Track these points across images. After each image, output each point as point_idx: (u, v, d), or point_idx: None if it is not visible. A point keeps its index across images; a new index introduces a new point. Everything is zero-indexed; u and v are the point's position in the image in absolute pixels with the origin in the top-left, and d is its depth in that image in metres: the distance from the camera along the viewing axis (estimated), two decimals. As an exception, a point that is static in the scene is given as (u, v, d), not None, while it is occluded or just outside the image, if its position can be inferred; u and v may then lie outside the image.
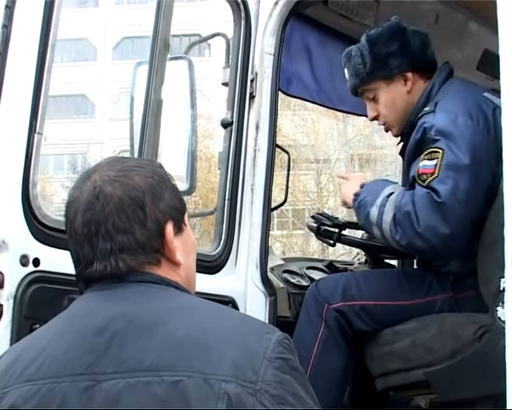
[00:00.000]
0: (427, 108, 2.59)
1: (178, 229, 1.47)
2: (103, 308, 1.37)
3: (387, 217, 2.50)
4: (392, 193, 2.54)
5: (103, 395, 1.27)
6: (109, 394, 1.26)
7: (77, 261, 1.44)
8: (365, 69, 2.71)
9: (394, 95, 2.72)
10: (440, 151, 2.44)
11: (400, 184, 2.77)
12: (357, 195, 2.63)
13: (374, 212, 2.55)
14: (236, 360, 1.27)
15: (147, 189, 1.42)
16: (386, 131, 2.81)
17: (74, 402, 1.27)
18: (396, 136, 2.82)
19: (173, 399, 1.24)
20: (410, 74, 2.71)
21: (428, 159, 2.46)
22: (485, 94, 2.61)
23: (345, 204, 2.75)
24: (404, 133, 2.76)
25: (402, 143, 2.83)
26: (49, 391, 1.29)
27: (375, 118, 2.78)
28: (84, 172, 1.48)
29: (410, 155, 2.63)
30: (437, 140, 2.47)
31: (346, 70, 2.81)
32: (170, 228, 1.44)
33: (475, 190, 2.41)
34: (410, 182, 2.56)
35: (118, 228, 1.39)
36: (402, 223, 2.45)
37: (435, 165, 2.43)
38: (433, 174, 2.42)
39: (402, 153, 2.82)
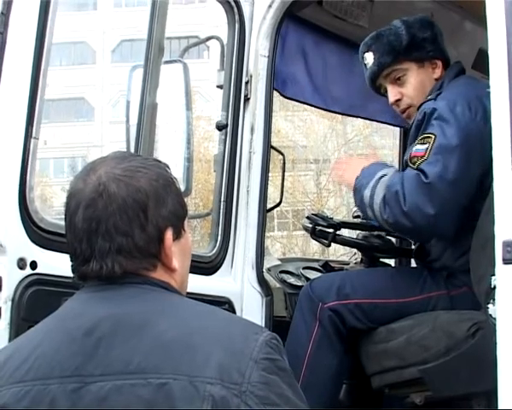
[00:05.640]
0: (429, 97, 2.65)
1: (177, 235, 1.48)
2: (92, 310, 1.38)
3: (378, 198, 2.54)
4: (385, 175, 2.58)
5: (91, 396, 1.29)
6: (97, 396, 1.28)
7: (73, 255, 1.44)
8: (401, 47, 2.74)
9: (424, 78, 2.76)
10: (433, 136, 2.49)
11: None
12: (357, 179, 2.66)
13: (366, 194, 2.58)
14: (222, 361, 1.28)
15: (151, 192, 1.42)
16: (408, 117, 2.81)
17: (63, 404, 1.29)
18: None
19: (159, 401, 1.26)
20: (439, 62, 2.78)
21: (421, 143, 2.51)
22: (489, 89, 2.65)
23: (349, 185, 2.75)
24: None
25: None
26: (38, 392, 1.31)
27: (397, 101, 2.79)
28: (89, 164, 1.48)
29: (411, 139, 2.68)
30: (433, 125, 2.52)
31: (369, 54, 2.79)
32: (169, 235, 1.44)
33: (465, 175, 2.45)
34: (403, 165, 2.61)
35: (118, 229, 1.39)
36: (390, 202, 2.49)
37: (426, 149, 2.48)
38: (423, 157, 2.48)
39: None
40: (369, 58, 2.80)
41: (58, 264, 2.05)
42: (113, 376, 1.29)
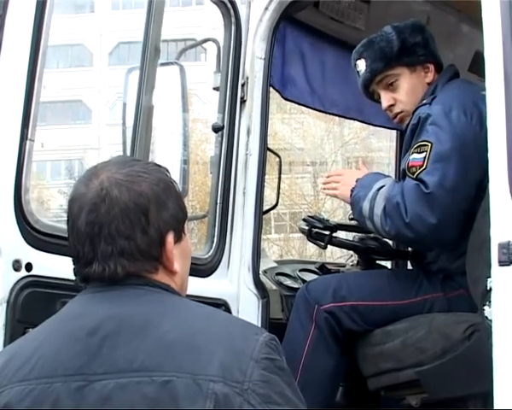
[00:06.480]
0: (424, 101, 2.66)
1: (178, 238, 1.50)
2: (95, 310, 1.40)
3: (378, 210, 2.54)
4: (383, 186, 2.58)
5: (95, 395, 1.30)
6: (101, 394, 1.30)
7: (76, 257, 1.46)
8: (392, 52, 2.75)
9: (416, 82, 2.77)
10: (429, 144, 2.50)
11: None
12: (352, 191, 2.67)
13: (365, 206, 2.59)
14: (224, 360, 1.30)
15: (152, 196, 1.45)
16: (400, 121, 2.82)
17: (67, 402, 1.31)
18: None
19: (163, 398, 1.28)
20: (432, 66, 2.79)
21: (418, 152, 2.52)
22: (484, 92, 2.65)
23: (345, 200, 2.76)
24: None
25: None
26: (42, 391, 1.32)
27: (391, 106, 2.80)
28: (91, 169, 1.51)
29: (406, 144, 2.69)
30: (428, 131, 2.52)
31: (361, 61, 2.81)
32: (170, 238, 1.47)
33: (463, 181, 2.45)
34: (401, 174, 2.62)
35: (120, 232, 1.41)
36: (391, 214, 2.50)
37: (424, 158, 2.49)
38: (421, 166, 2.48)
39: None
40: (362, 65, 2.81)
41: (53, 266, 2.06)
42: (116, 374, 1.31)
